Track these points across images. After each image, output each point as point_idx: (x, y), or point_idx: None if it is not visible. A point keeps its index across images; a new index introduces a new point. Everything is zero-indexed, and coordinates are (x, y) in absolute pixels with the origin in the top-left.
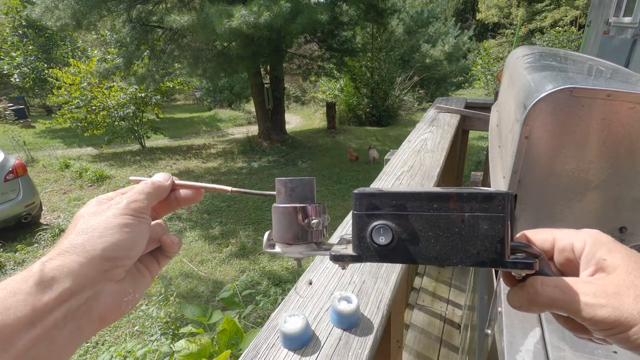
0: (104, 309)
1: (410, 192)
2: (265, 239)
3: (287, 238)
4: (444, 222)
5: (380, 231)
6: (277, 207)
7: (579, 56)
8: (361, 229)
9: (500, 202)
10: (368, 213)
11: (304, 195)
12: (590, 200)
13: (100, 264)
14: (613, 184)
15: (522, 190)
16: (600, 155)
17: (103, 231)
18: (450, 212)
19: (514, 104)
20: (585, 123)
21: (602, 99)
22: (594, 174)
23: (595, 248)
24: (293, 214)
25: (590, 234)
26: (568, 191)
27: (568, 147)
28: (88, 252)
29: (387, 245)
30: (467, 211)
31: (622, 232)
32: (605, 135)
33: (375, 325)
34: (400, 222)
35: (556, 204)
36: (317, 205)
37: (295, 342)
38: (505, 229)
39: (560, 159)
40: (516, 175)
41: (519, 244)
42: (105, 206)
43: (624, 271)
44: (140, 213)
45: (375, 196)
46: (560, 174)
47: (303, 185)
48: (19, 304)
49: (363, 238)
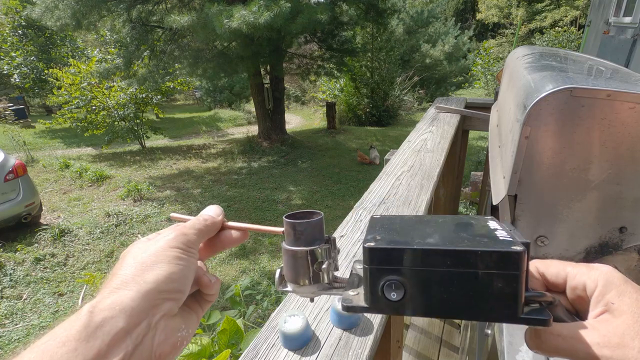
0: (160, 346)
1: (424, 250)
2: (277, 276)
3: (298, 280)
4: (457, 278)
5: (392, 286)
6: (286, 250)
7: (579, 56)
8: (373, 284)
9: (515, 262)
10: (379, 268)
11: (313, 237)
12: (590, 200)
13: (155, 298)
14: (613, 184)
15: (522, 190)
16: (600, 155)
17: (153, 264)
18: (464, 269)
19: (514, 104)
20: (585, 123)
21: (602, 99)
22: (594, 174)
23: (605, 290)
24: (303, 258)
25: (603, 273)
26: (568, 191)
27: (568, 147)
28: (140, 285)
29: (399, 300)
30: (481, 269)
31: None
32: (605, 135)
33: (375, 325)
34: (412, 278)
35: (556, 204)
36: (327, 247)
37: (295, 342)
38: (519, 287)
39: (560, 159)
40: (516, 175)
41: (533, 294)
42: (152, 241)
43: (631, 318)
44: (189, 247)
45: (387, 251)
46: (560, 174)
47: (312, 228)
48: (70, 355)
49: (375, 292)
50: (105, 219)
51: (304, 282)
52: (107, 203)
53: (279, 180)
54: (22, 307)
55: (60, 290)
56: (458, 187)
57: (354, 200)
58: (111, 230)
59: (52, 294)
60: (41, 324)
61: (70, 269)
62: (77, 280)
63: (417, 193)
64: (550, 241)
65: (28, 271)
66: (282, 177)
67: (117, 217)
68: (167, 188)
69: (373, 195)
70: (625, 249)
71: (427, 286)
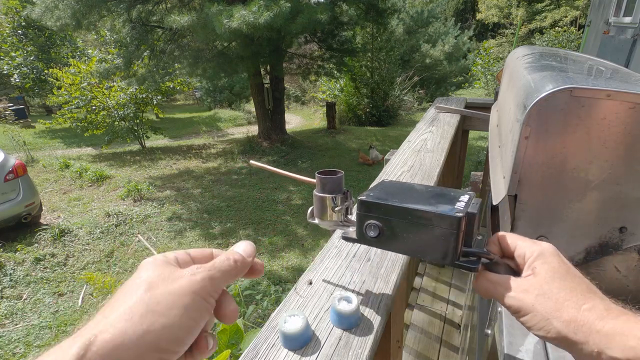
0: None
1: (393, 206)
2: (308, 213)
3: (322, 216)
4: (415, 228)
5: (371, 227)
6: (315, 195)
7: (579, 56)
8: (360, 224)
9: (452, 223)
10: (365, 214)
11: (334, 188)
12: (590, 200)
13: (149, 355)
14: (613, 184)
15: (522, 190)
16: (600, 155)
17: (167, 309)
18: (420, 222)
19: (514, 104)
20: (585, 123)
21: (602, 99)
22: (594, 174)
23: (536, 259)
24: (325, 201)
25: (542, 247)
26: (568, 191)
27: (568, 147)
28: (143, 337)
29: (375, 237)
30: (432, 224)
31: (622, 232)
32: (605, 135)
33: (375, 325)
34: (385, 223)
35: (556, 204)
36: (342, 196)
37: (295, 342)
38: (457, 242)
39: (560, 159)
40: (516, 175)
41: (474, 251)
42: (176, 273)
43: (542, 279)
44: (210, 296)
45: (370, 204)
46: (560, 174)
47: (333, 182)
48: None
49: (360, 230)
50: (105, 219)
51: (325, 218)
52: (107, 203)
53: (279, 180)
54: (22, 307)
55: (60, 290)
56: (458, 187)
57: None
58: (111, 230)
59: (52, 294)
60: (41, 324)
61: (70, 269)
62: (77, 279)
63: None
64: (550, 241)
65: (28, 271)
66: (282, 177)
67: (117, 217)
68: (167, 188)
69: None
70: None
71: (394, 231)
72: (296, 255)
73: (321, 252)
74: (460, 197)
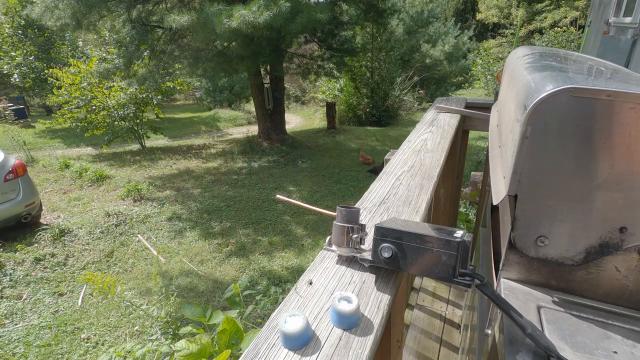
0: None
1: (404, 231)
2: (327, 241)
3: (339, 243)
4: (422, 251)
5: (385, 250)
6: (335, 224)
7: (579, 56)
8: (376, 247)
9: (453, 246)
10: (381, 238)
11: (351, 219)
12: (590, 200)
13: None
14: (613, 184)
15: (522, 190)
16: (600, 155)
17: None
18: (426, 246)
19: (514, 104)
20: (585, 123)
21: (602, 99)
22: (594, 174)
23: None
24: (343, 230)
25: None
26: (568, 191)
27: (568, 147)
28: None
29: (388, 258)
30: (436, 247)
31: (622, 232)
32: (605, 135)
33: (376, 325)
34: (397, 246)
35: (556, 204)
36: (358, 226)
37: (295, 342)
38: (456, 262)
39: (561, 159)
40: (516, 176)
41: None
42: None
43: None
44: None
45: (385, 229)
46: (560, 174)
47: (351, 214)
48: None
49: (376, 252)
50: (105, 219)
51: (342, 244)
52: (107, 203)
53: (279, 180)
54: (22, 307)
55: (60, 290)
56: (458, 187)
57: (354, 200)
58: (111, 230)
59: (52, 294)
60: (41, 324)
61: (70, 269)
62: (77, 279)
63: (417, 193)
64: (550, 241)
65: (28, 271)
66: (282, 177)
67: (117, 217)
68: (167, 188)
69: (373, 195)
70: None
71: (405, 253)
72: (296, 255)
73: (321, 252)
74: (456, 231)
